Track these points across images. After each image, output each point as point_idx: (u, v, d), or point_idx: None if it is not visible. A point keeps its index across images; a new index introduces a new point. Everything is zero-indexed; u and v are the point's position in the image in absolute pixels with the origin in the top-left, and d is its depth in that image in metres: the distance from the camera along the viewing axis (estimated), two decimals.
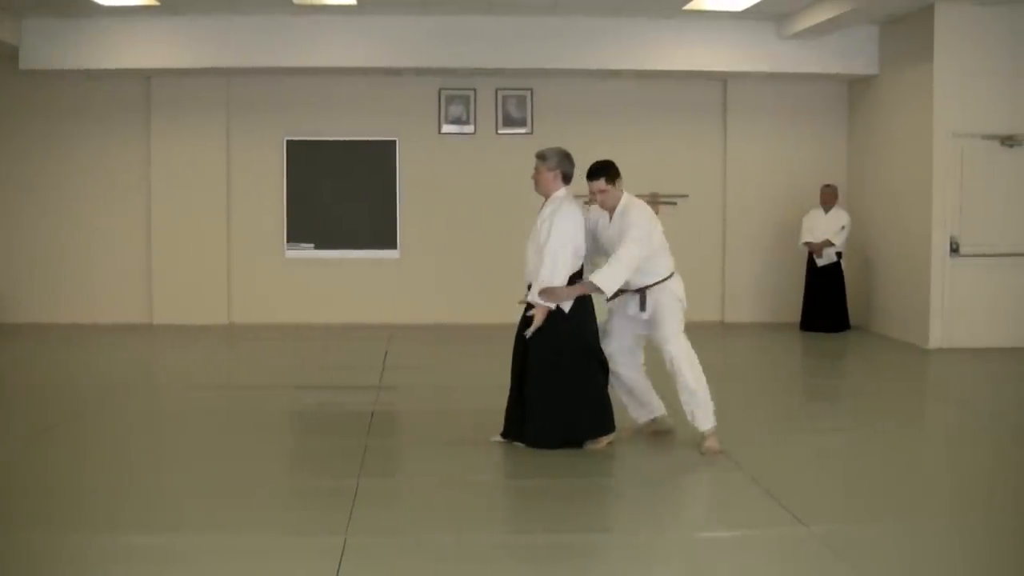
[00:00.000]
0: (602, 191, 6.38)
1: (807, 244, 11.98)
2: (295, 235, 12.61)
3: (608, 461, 6.34)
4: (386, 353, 10.27)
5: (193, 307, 12.43)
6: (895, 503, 5.52)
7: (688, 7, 10.99)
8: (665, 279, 6.48)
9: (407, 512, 5.38)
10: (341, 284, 12.67)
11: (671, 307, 6.45)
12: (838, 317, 11.96)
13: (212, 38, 11.52)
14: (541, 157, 6.44)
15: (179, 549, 4.73)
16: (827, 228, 11.87)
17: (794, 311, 12.35)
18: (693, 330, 6.59)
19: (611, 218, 6.45)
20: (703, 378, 6.47)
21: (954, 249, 10.83)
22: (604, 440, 6.48)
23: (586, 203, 6.58)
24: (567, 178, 6.44)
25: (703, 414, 6.44)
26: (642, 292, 6.44)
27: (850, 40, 11.79)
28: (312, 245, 12.64)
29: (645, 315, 6.45)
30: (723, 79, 12.61)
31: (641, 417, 6.79)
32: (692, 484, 5.87)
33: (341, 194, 12.59)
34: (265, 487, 5.76)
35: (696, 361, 6.48)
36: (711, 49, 11.88)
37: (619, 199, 6.42)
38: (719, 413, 6.36)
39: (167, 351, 11.00)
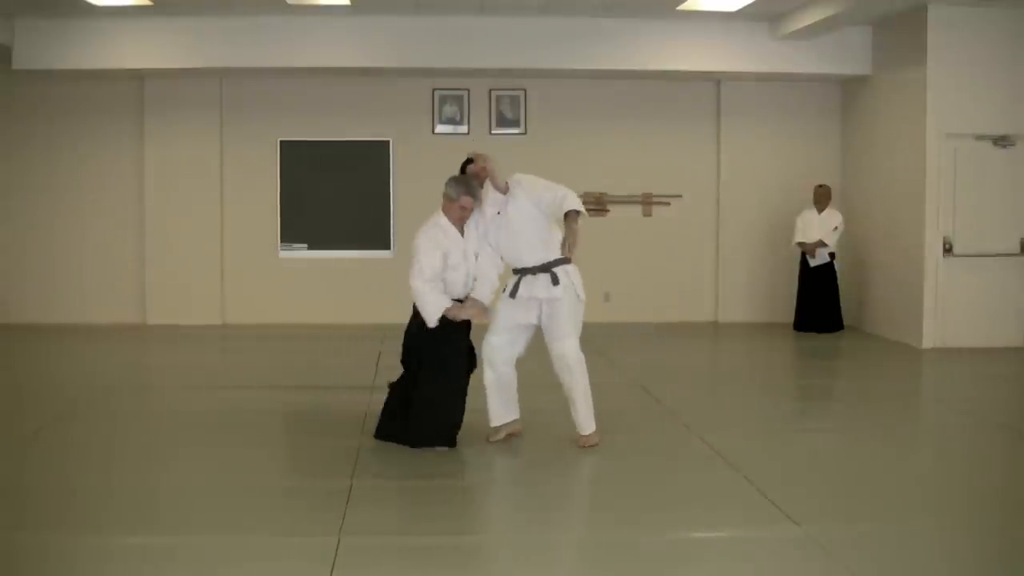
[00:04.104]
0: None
1: (800, 244, 12.00)
2: (289, 235, 12.60)
3: (598, 461, 6.35)
4: (380, 354, 10.25)
5: (187, 308, 12.42)
6: (888, 503, 5.53)
7: (682, 7, 11.00)
8: (566, 260, 6.45)
9: (401, 513, 5.38)
10: (335, 284, 12.66)
11: (571, 302, 6.43)
12: (831, 317, 11.97)
13: (205, 38, 11.51)
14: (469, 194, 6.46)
15: (172, 550, 4.73)
16: (820, 228, 11.88)
17: (788, 311, 12.37)
18: (687, 330, 6.60)
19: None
20: (588, 382, 6.50)
21: (947, 249, 10.85)
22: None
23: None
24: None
25: (587, 418, 6.51)
26: (551, 269, 6.41)
27: (843, 41, 11.81)
28: (306, 245, 12.63)
29: (558, 292, 6.37)
30: (716, 79, 12.63)
31: (505, 418, 6.68)
32: (686, 483, 5.88)
33: (335, 194, 12.58)
34: (258, 488, 5.76)
35: (585, 366, 6.49)
36: (705, 49, 11.89)
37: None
38: (714, 413, 6.35)
39: (160, 352, 10.98)
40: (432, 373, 6.43)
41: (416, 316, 6.48)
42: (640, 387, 8.59)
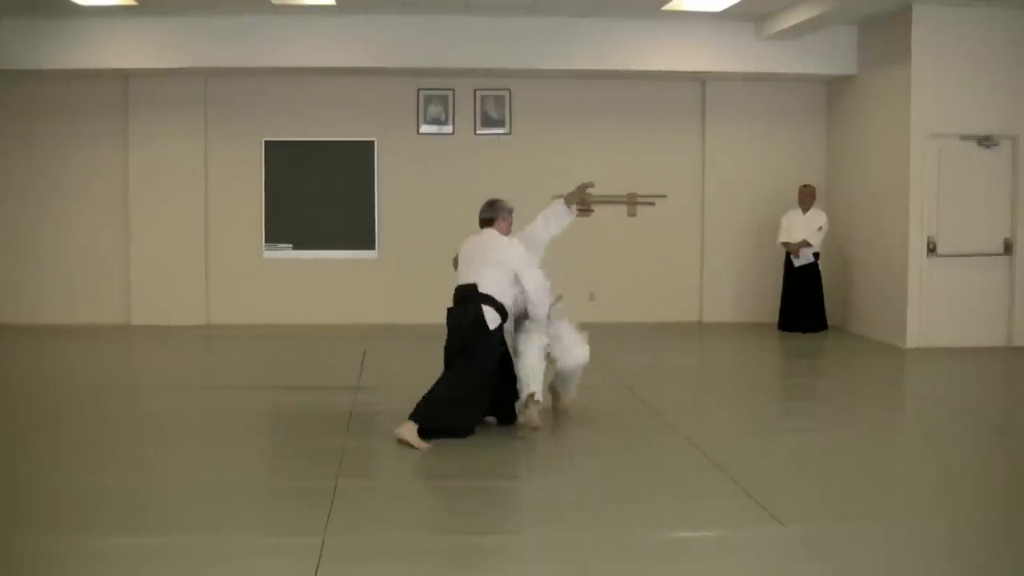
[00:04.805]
0: None
1: (784, 244, 12.02)
2: (273, 235, 12.56)
3: (584, 461, 6.35)
4: (364, 353, 10.25)
5: (171, 308, 12.37)
6: (873, 502, 5.55)
7: (667, 7, 11.00)
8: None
9: (385, 512, 5.37)
10: (320, 284, 12.63)
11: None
12: (816, 317, 12.00)
13: (190, 38, 11.46)
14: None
15: (158, 550, 4.71)
16: (805, 228, 11.91)
17: (772, 311, 12.39)
18: (672, 330, 6.62)
19: None
20: None
21: (931, 249, 10.89)
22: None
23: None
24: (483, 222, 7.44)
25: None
26: None
27: (829, 41, 11.83)
28: (291, 245, 12.59)
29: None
30: (702, 79, 12.64)
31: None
32: (671, 484, 5.88)
33: (319, 194, 12.55)
34: (244, 488, 5.74)
35: None
36: (690, 49, 11.90)
37: None
38: (699, 413, 6.36)
39: (146, 352, 10.94)
40: (461, 364, 6.78)
41: (464, 315, 6.87)
42: (626, 387, 8.60)
